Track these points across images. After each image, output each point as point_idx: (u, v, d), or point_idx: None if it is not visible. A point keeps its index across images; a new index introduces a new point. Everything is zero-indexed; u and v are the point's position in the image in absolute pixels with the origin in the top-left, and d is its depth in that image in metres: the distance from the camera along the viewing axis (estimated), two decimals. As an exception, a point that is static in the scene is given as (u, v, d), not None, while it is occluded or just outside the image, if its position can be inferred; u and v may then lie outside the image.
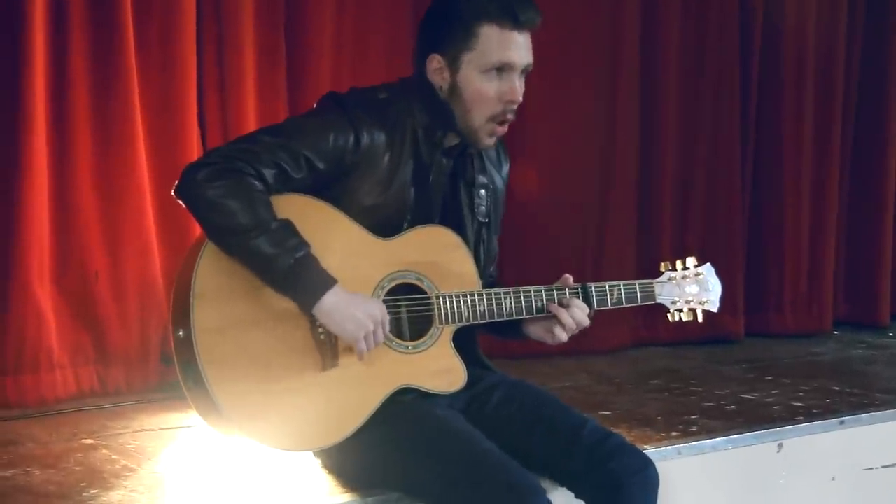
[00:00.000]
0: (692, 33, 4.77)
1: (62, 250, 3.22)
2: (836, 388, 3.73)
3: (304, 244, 2.17)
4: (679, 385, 3.80)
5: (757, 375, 4.04)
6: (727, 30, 4.85)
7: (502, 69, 2.29)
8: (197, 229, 3.39)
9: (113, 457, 2.64)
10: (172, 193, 2.21)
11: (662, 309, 2.65)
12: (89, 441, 2.80)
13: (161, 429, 2.96)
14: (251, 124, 3.48)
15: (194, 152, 3.37)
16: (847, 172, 5.35)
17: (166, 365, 3.36)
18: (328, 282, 2.17)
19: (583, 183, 4.52)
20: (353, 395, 2.28)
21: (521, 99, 2.32)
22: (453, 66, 2.31)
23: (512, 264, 3.69)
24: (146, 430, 2.94)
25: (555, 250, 4.38)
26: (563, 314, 2.43)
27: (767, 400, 3.52)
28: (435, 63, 2.32)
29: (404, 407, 2.30)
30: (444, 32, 2.30)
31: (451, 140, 2.40)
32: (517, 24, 2.27)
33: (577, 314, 2.44)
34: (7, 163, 3.09)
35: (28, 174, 3.09)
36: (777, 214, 5.09)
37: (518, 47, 2.29)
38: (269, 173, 2.19)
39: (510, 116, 2.34)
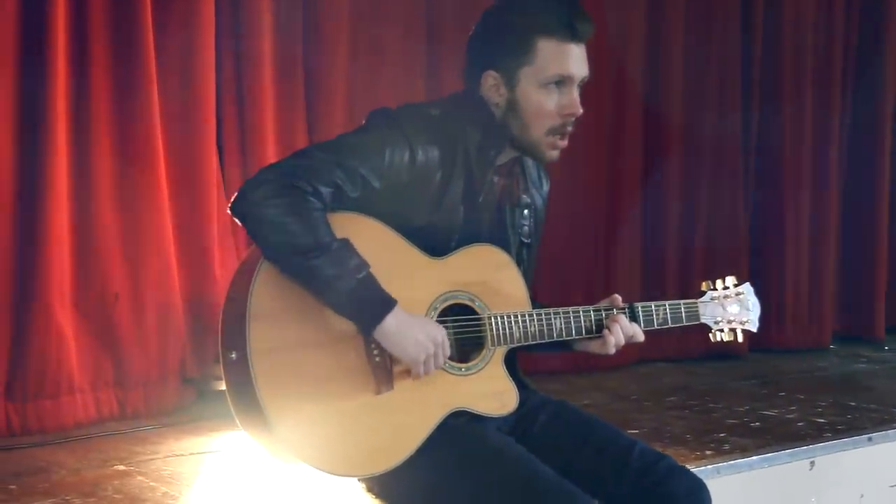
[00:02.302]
0: (695, 49, 4.80)
1: (83, 272, 3.17)
2: (853, 404, 3.75)
3: (364, 264, 2.12)
4: (696, 402, 3.80)
5: (770, 391, 4.05)
6: (729, 46, 4.89)
7: (561, 82, 2.26)
8: (217, 252, 3.39)
9: (151, 484, 2.59)
10: (228, 211, 2.15)
11: (703, 329, 2.63)
12: (122, 467, 2.74)
13: (191, 454, 2.90)
14: (269, 142, 3.44)
15: (213, 175, 3.33)
16: (844, 189, 5.42)
17: (188, 387, 3.29)
18: (390, 303, 2.13)
19: (590, 201, 4.53)
20: (407, 418, 2.23)
21: (580, 111, 2.29)
22: (510, 81, 2.27)
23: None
24: (176, 456, 2.89)
25: (562, 269, 4.38)
26: (618, 334, 2.41)
27: (789, 416, 3.52)
28: (490, 79, 2.29)
29: (457, 430, 2.25)
30: (500, 48, 2.27)
31: (503, 158, 2.37)
32: (574, 36, 2.25)
33: (629, 336, 2.43)
34: (28, 185, 3.04)
35: (49, 196, 3.04)
36: (778, 231, 5.13)
37: (576, 59, 2.27)
38: (325, 191, 2.14)
39: (570, 129, 2.31)
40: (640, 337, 2.43)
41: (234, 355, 2.15)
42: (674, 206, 4.81)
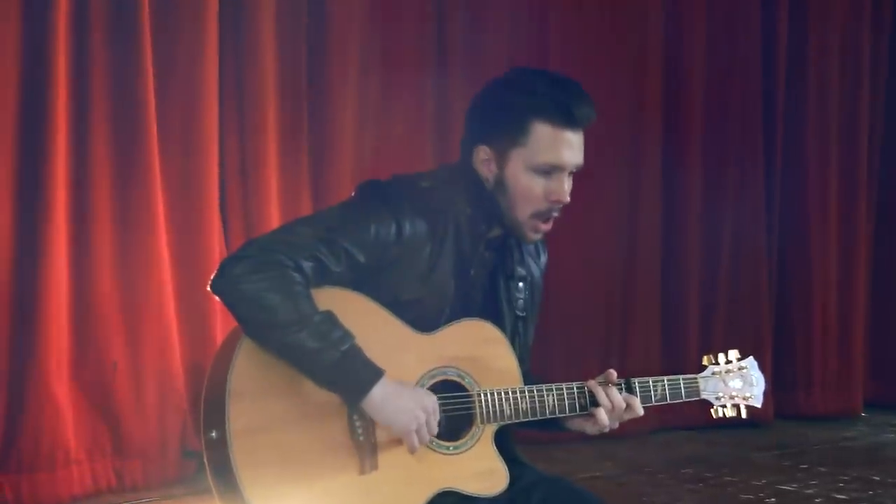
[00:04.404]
0: (715, 112, 4.75)
1: (81, 341, 3.16)
2: (877, 479, 3.62)
3: (348, 336, 2.08)
4: (712, 474, 3.69)
5: (792, 463, 3.93)
6: (748, 108, 4.83)
7: (551, 170, 2.22)
8: (219, 319, 3.36)
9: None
10: (209, 289, 2.12)
11: (705, 405, 2.55)
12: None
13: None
14: (273, 210, 3.42)
15: (216, 241, 3.31)
16: (872, 250, 5.31)
17: (188, 459, 3.24)
18: (376, 373, 2.08)
19: (607, 270, 4.47)
20: (393, 499, 2.17)
21: (568, 200, 2.24)
22: (501, 159, 2.23)
23: (536, 353, 3.61)
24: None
25: (578, 338, 4.31)
26: (602, 416, 2.33)
27: (807, 492, 3.41)
28: (482, 154, 2.24)
29: (445, 511, 2.19)
30: (495, 125, 2.23)
31: (495, 231, 2.32)
32: (571, 122, 2.20)
33: (619, 413, 2.34)
34: (27, 253, 3.04)
35: (47, 263, 3.05)
36: (805, 292, 5.03)
37: (570, 147, 2.21)
38: (307, 266, 2.10)
39: (555, 214, 2.26)
40: (639, 411, 2.34)
41: (213, 434, 2.10)
42: (694, 269, 4.72)
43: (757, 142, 4.90)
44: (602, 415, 2.30)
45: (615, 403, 2.31)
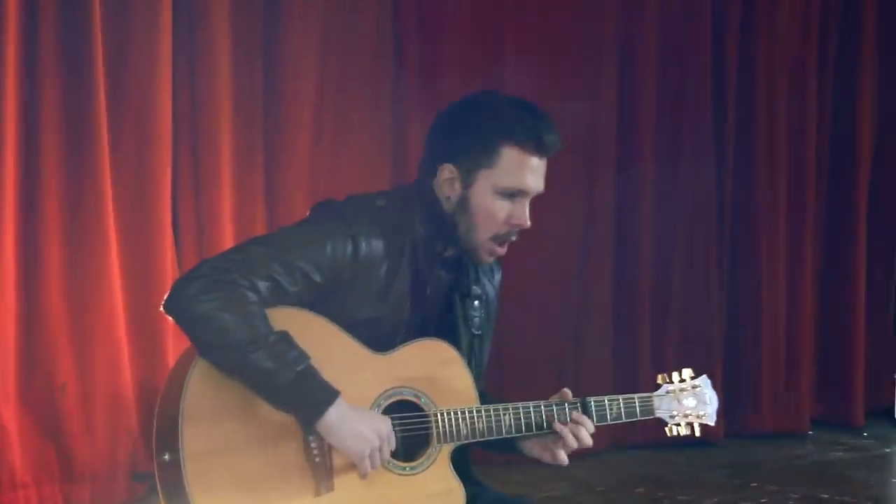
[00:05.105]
0: (667, 124, 4.80)
1: (28, 362, 3.11)
2: (825, 496, 3.66)
3: (304, 356, 2.06)
4: (665, 493, 3.71)
5: (742, 481, 3.96)
6: (701, 120, 4.89)
7: (516, 194, 2.22)
8: (171, 340, 3.32)
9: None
10: (161, 309, 2.10)
11: (660, 423, 2.56)
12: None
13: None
14: (227, 230, 3.40)
15: (168, 261, 3.27)
16: (820, 272, 5.39)
17: (138, 482, 3.19)
18: (332, 395, 2.07)
19: (559, 290, 4.48)
20: (349, 521, 2.15)
21: (528, 225, 2.26)
22: (467, 179, 2.22)
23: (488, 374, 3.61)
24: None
25: (532, 359, 4.31)
26: (567, 433, 2.33)
27: (759, 510, 3.44)
28: (447, 173, 2.24)
29: (401, 532, 2.17)
30: (462, 144, 2.22)
31: (450, 251, 2.32)
32: (540, 149, 2.21)
33: (582, 434, 2.34)
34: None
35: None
36: (754, 314, 5.08)
37: (535, 173, 2.23)
38: (263, 286, 2.09)
39: (513, 238, 2.28)
40: (588, 438, 2.34)
41: (167, 457, 2.08)
42: (646, 287, 4.75)
43: (709, 150, 4.95)
44: (567, 436, 2.30)
45: (577, 424, 2.31)
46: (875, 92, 5.41)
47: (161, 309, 2.10)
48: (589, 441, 2.34)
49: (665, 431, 2.56)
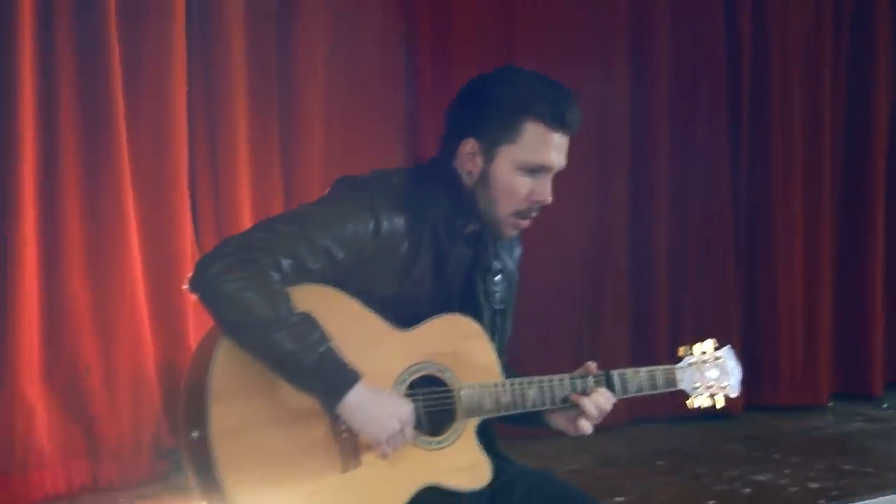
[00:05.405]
0: (681, 106, 4.78)
1: (52, 344, 3.13)
2: (848, 468, 3.66)
3: (326, 338, 2.06)
4: (687, 466, 3.72)
5: (763, 454, 3.96)
6: (716, 103, 4.87)
7: (538, 170, 2.22)
8: (192, 319, 3.34)
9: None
10: (186, 287, 2.10)
11: (683, 395, 2.57)
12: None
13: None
14: (245, 209, 3.40)
15: (187, 240, 3.29)
16: (837, 243, 5.37)
17: (162, 458, 3.22)
18: (352, 378, 2.07)
19: (575, 266, 4.48)
20: (376, 496, 2.16)
21: (550, 200, 2.24)
22: (488, 154, 2.21)
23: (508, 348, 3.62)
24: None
25: (548, 334, 4.32)
26: (587, 403, 2.33)
27: (782, 482, 3.44)
28: (469, 147, 2.22)
29: (428, 506, 2.18)
30: (485, 118, 2.20)
31: (472, 227, 2.32)
32: (563, 125, 2.20)
33: (601, 402, 2.34)
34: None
35: (18, 267, 3.02)
36: (771, 286, 5.08)
37: (558, 149, 2.21)
38: (286, 264, 2.09)
39: (535, 214, 2.26)
40: (606, 403, 2.35)
41: (195, 434, 2.09)
42: (662, 262, 4.74)
43: (723, 132, 4.94)
44: (587, 405, 2.31)
45: (596, 395, 2.32)
46: (891, 82, 5.38)
47: (185, 287, 2.11)
48: (608, 406, 2.34)
49: (686, 404, 2.57)
